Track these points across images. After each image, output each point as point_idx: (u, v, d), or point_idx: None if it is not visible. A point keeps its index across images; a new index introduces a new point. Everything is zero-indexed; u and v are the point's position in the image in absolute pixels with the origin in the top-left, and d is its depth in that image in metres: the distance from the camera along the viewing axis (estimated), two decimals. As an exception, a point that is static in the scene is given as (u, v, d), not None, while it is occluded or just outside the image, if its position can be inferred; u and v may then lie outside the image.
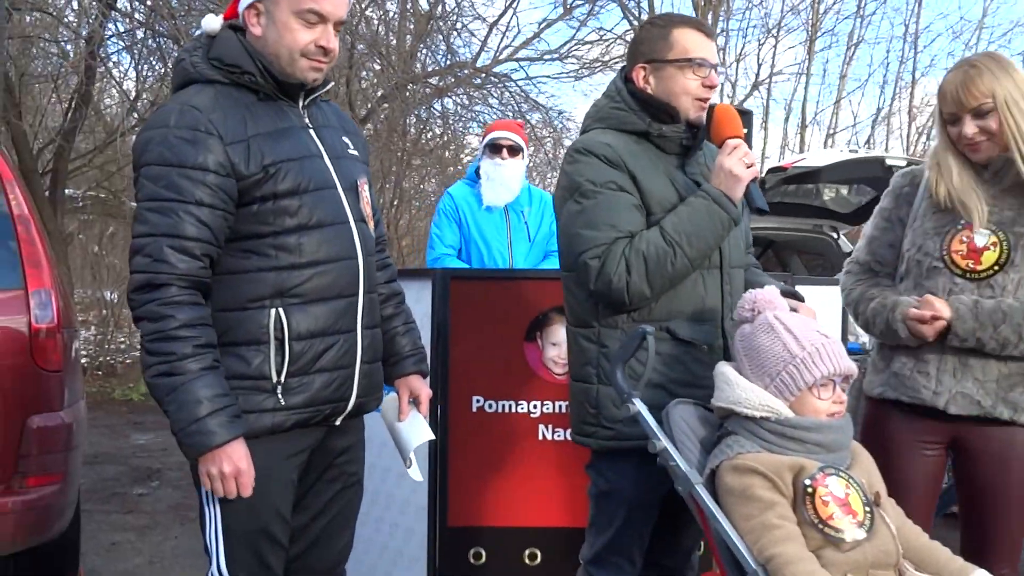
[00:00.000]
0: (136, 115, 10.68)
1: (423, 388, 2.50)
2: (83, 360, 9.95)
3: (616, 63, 18.58)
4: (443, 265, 4.26)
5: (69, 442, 3.55)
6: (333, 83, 2.40)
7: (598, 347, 2.42)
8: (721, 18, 18.88)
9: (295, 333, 2.12)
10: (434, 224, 4.50)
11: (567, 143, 14.15)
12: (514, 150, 4.40)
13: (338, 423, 2.28)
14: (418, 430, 2.47)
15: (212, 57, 2.16)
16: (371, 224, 2.34)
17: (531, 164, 14.34)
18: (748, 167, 2.32)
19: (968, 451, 2.58)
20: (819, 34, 18.82)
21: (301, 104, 2.24)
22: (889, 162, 6.09)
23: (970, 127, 2.46)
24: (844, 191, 6.90)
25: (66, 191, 11.14)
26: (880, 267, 2.73)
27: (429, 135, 14.10)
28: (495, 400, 3.57)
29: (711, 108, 2.43)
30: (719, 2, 18.79)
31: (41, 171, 10.50)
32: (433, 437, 2.51)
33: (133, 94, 11.16)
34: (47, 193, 10.25)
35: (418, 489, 3.51)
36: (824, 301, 3.58)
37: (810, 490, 2.01)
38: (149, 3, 9.13)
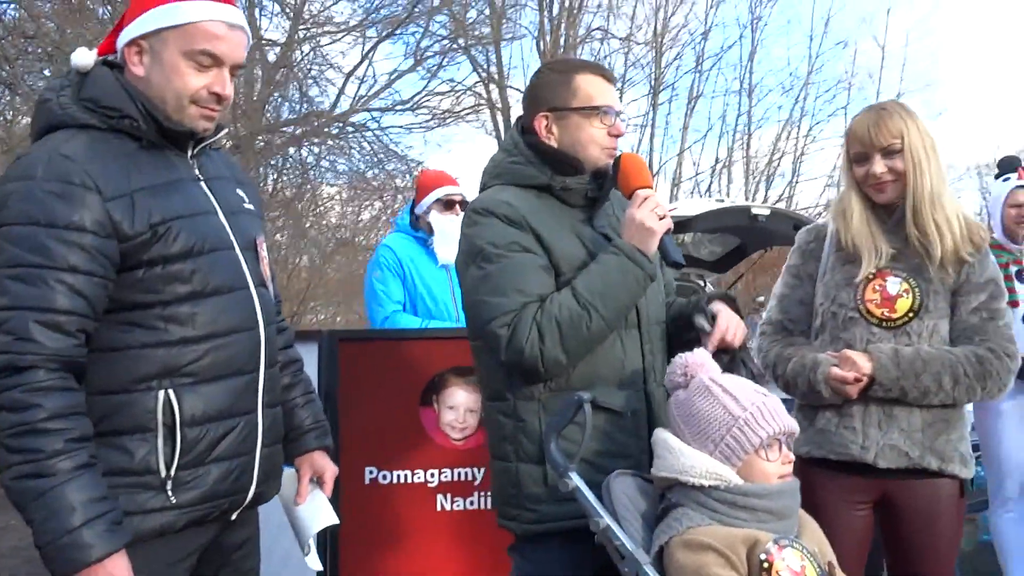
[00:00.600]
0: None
1: (328, 465, 2.22)
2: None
3: (467, 113, 18.77)
4: (395, 323, 3.98)
5: None
6: (227, 129, 2.12)
7: (514, 421, 2.19)
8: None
9: (188, 418, 1.81)
10: (375, 280, 4.14)
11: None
12: (464, 205, 4.15)
13: (234, 517, 1.98)
14: (320, 513, 2.19)
15: (84, 98, 1.83)
16: (271, 288, 2.07)
17: (389, 212, 14.19)
18: (661, 219, 2.15)
19: (895, 507, 2.51)
20: (661, 88, 19.53)
21: (190, 153, 1.95)
22: (755, 211, 6.23)
23: (879, 165, 2.46)
24: (707, 240, 7.01)
25: None
26: (793, 325, 2.66)
27: (278, 184, 13.70)
28: (389, 471, 3.32)
29: (617, 157, 2.26)
30: (565, 54, 19.21)
31: None
32: (337, 521, 2.23)
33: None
34: None
35: (309, 572, 3.22)
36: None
37: (766, 565, 1.87)
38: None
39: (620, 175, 2.23)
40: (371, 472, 3.30)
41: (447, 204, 4.18)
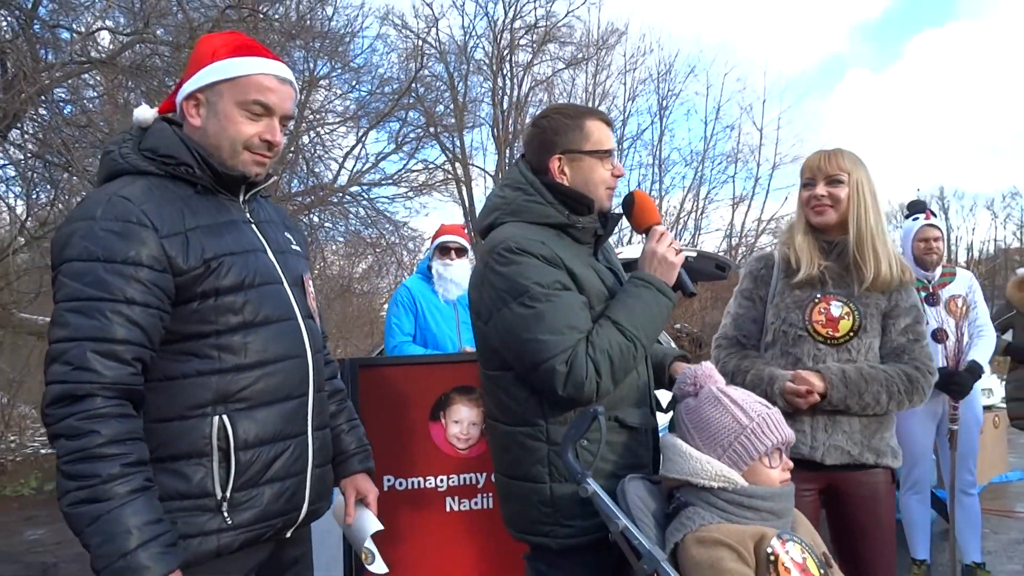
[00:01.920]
0: (24, 237, 9.34)
1: (371, 488, 1.91)
2: (-27, 460, 8.42)
3: (438, 184, 18.61)
4: (402, 351, 3.84)
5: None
6: (276, 177, 1.84)
7: (548, 445, 1.85)
8: (517, 148, 19.28)
9: (242, 442, 1.53)
10: (392, 315, 4.01)
11: (411, 246, 13.82)
12: (460, 251, 4.05)
13: (288, 535, 1.68)
14: (366, 523, 1.89)
15: (144, 148, 1.58)
16: (318, 320, 1.79)
17: (380, 265, 13.94)
18: (677, 253, 1.93)
19: (841, 495, 2.36)
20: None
21: (241, 199, 1.68)
22: (684, 253, 6.02)
23: (821, 188, 2.36)
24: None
25: (-44, 305, 9.54)
26: (746, 340, 2.49)
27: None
28: (405, 478, 3.01)
29: (630, 195, 2.01)
30: (515, 138, 19.24)
31: (-69, 287, 8.96)
32: (381, 527, 1.91)
33: (24, 216, 9.82)
34: (-63, 307, 8.73)
35: (334, 569, 2.89)
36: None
37: (772, 558, 1.62)
38: (41, 136, 8.05)
39: (635, 211, 1.99)
40: (389, 480, 2.99)
41: (443, 250, 4.06)
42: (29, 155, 8.33)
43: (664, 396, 2.09)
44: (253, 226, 1.68)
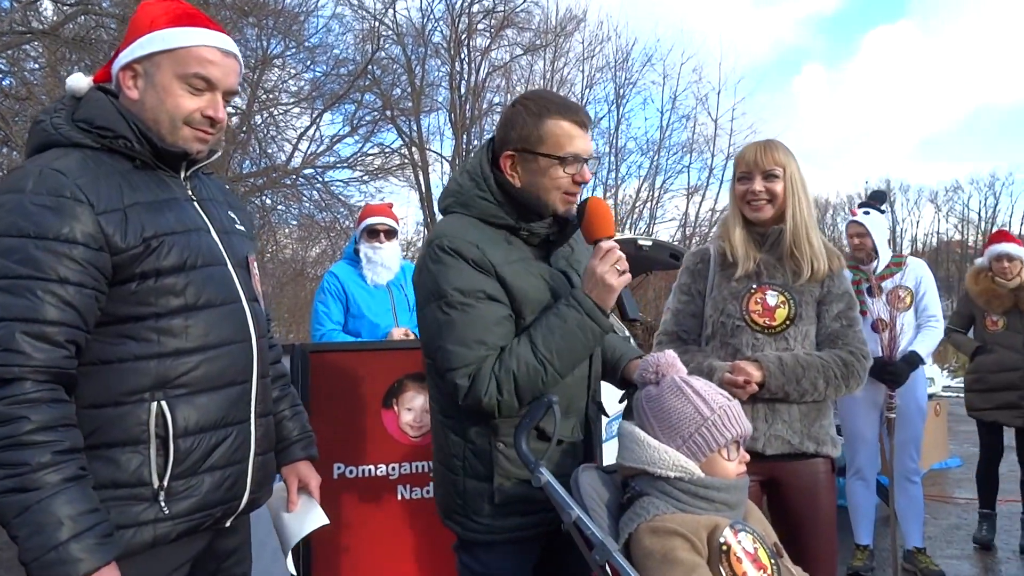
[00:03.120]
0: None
1: (313, 475, 1.85)
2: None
3: (395, 169, 18.41)
4: (330, 339, 3.63)
5: None
6: (220, 152, 1.75)
7: (464, 441, 1.82)
8: (474, 137, 19.18)
9: (181, 429, 1.46)
10: (320, 302, 3.80)
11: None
12: (390, 233, 3.83)
13: (228, 524, 1.62)
14: (311, 516, 1.83)
15: (78, 119, 1.48)
16: (262, 303, 1.71)
17: (334, 248, 13.72)
18: (621, 274, 1.76)
19: (781, 486, 2.37)
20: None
21: (183, 175, 1.60)
22: (640, 242, 6.08)
23: (758, 184, 2.35)
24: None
25: None
26: (687, 335, 2.48)
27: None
28: (355, 465, 2.96)
29: (583, 203, 1.83)
30: (472, 123, 19.13)
31: None
32: (327, 522, 1.85)
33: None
34: None
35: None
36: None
37: (725, 548, 1.61)
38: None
39: (585, 222, 1.80)
40: (339, 467, 2.93)
41: (371, 233, 3.83)
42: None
43: (612, 394, 2.05)
44: (195, 204, 1.60)
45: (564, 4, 19.84)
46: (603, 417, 2.14)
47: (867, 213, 3.95)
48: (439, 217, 1.96)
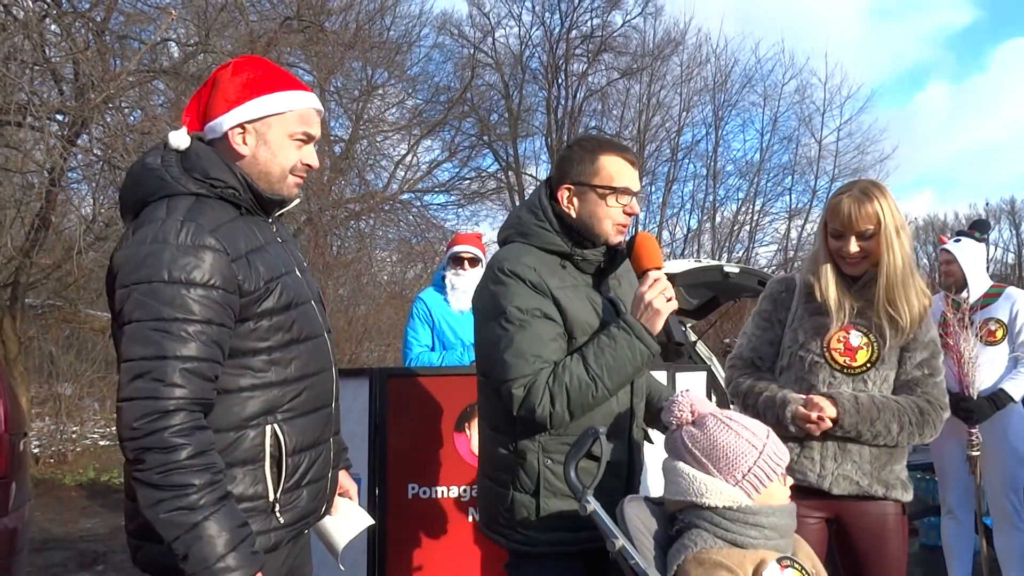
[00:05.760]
0: (92, 235, 9.75)
1: (350, 483, 2.02)
2: (36, 449, 8.78)
3: (490, 194, 18.76)
4: (421, 362, 3.80)
5: (13, 546, 2.85)
6: (300, 198, 1.94)
7: (515, 456, 1.94)
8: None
9: (290, 448, 1.66)
10: (409, 328, 4.00)
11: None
12: (474, 261, 3.98)
13: (306, 532, 1.81)
14: (355, 518, 1.96)
15: (190, 169, 1.66)
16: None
17: (430, 272, 14.12)
18: (668, 300, 1.89)
19: (848, 526, 2.32)
20: (644, 174, 19.47)
21: (271, 219, 1.80)
22: (727, 269, 6.00)
23: (854, 246, 2.25)
24: (687, 292, 6.76)
25: (26, 300, 9.99)
26: (762, 362, 2.45)
27: (341, 249, 13.64)
28: (429, 487, 3.08)
29: (633, 236, 1.98)
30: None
31: (2, 284, 9.40)
32: (372, 521, 2.00)
33: (90, 217, 10.26)
34: (7, 303, 9.15)
35: (359, 572, 2.96)
36: (692, 384, 3.42)
37: (769, 583, 1.62)
38: (107, 141, 8.40)
39: (634, 254, 1.95)
40: (413, 488, 3.06)
41: (456, 260, 3.98)
42: (95, 159, 8.68)
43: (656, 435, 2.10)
44: (282, 245, 1.78)
45: (662, 28, 19.70)
46: (648, 443, 2.19)
47: (958, 241, 3.80)
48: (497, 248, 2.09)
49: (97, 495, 7.39)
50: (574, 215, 1.98)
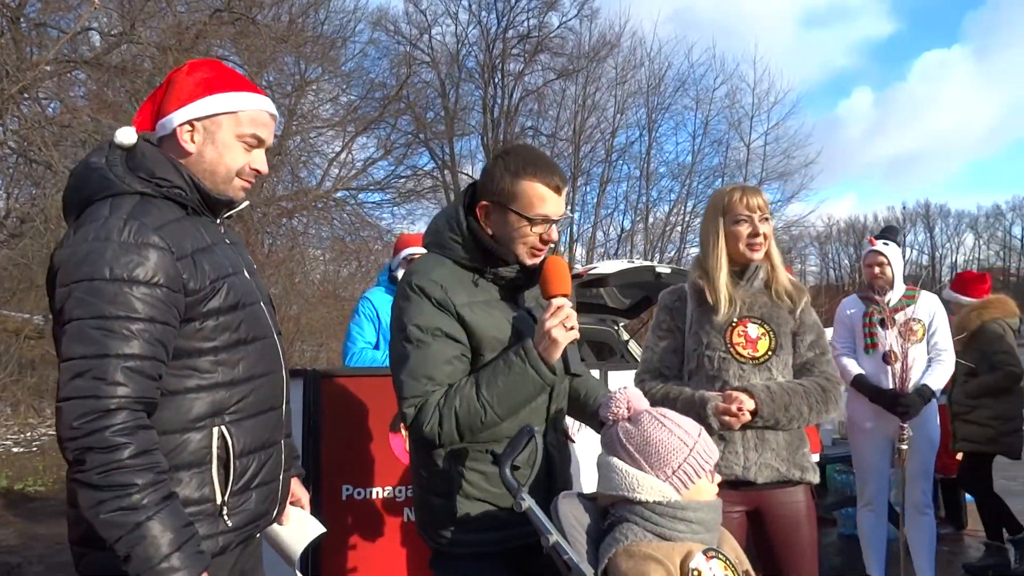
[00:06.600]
0: (5, 232, 9.34)
1: (302, 490, 2.01)
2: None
3: (426, 192, 18.69)
4: (362, 357, 3.77)
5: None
6: (248, 201, 1.92)
7: (429, 461, 1.94)
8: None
9: (238, 451, 1.64)
10: (354, 324, 3.97)
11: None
12: None
13: (256, 536, 1.79)
14: (307, 527, 1.95)
15: (135, 168, 1.64)
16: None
17: (364, 270, 14.00)
18: (569, 330, 1.83)
19: (766, 515, 2.47)
20: (579, 174, 19.71)
21: (218, 220, 1.78)
22: (659, 269, 6.13)
23: (764, 226, 2.47)
24: (620, 292, 6.88)
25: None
26: (668, 371, 2.57)
27: (273, 247, 13.39)
28: (363, 488, 3.06)
29: (543, 261, 1.93)
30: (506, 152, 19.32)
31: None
32: (324, 530, 1.99)
33: (3, 213, 9.82)
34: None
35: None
36: (625, 383, 3.43)
37: (696, 573, 1.68)
38: (22, 133, 8.07)
39: (542, 278, 1.90)
40: (347, 489, 3.04)
41: (410, 262, 3.96)
42: (9, 151, 8.33)
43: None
44: (230, 246, 1.76)
45: (598, 30, 19.98)
46: (570, 443, 2.23)
47: (887, 244, 3.97)
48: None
49: (10, 505, 7.07)
50: (490, 232, 1.92)
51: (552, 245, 1.97)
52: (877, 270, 3.93)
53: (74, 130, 7.81)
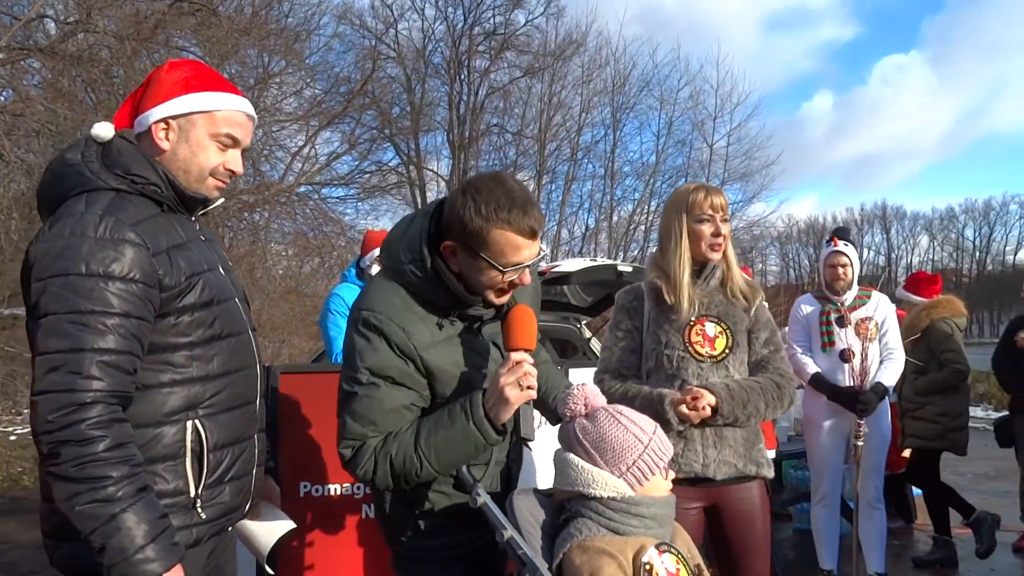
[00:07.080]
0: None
1: (273, 487, 2.02)
2: None
3: (391, 188, 18.57)
4: None
5: None
6: (223, 199, 1.93)
7: None
8: (471, 157, 19.39)
9: (212, 444, 1.66)
10: (331, 324, 3.96)
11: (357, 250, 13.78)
12: None
13: (229, 530, 1.80)
14: (278, 522, 1.94)
15: (111, 164, 1.64)
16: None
17: (327, 266, 13.89)
18: (525, 389, 1.71)
19: (722, 511, 2.50)
20: (544, 172, 19.77)
21: (194, 217, 1.79)
22: (620, 268, 6.16)
23: (725, 227, 2.51)
24: (582, 290, 6.92)
25: None
26: (627, 371, 2.58)
27: (234, 242, 13.21)
28: (321, 485, 3.05)
29: (508, 311, 1.82)
30: (470, 143, 19.34)
31: None
32: (295, 525, 1.99)
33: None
34: None
35: (248, 572, 2.91)
36: (586, 380, 3.44)
37: (648, 568, 1.71)
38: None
39: (506, 326, 1.79)
40: (305, 486, 3.02)
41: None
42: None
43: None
44: (205, 243, 1.78)
45: (564, 29, 20.05)
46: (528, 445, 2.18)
47: (847, 245, 4.06)
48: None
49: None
50: (455, 270, 1.78)
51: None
52: (841, 271, 4.01)
53: (27, 119, 7.62)
